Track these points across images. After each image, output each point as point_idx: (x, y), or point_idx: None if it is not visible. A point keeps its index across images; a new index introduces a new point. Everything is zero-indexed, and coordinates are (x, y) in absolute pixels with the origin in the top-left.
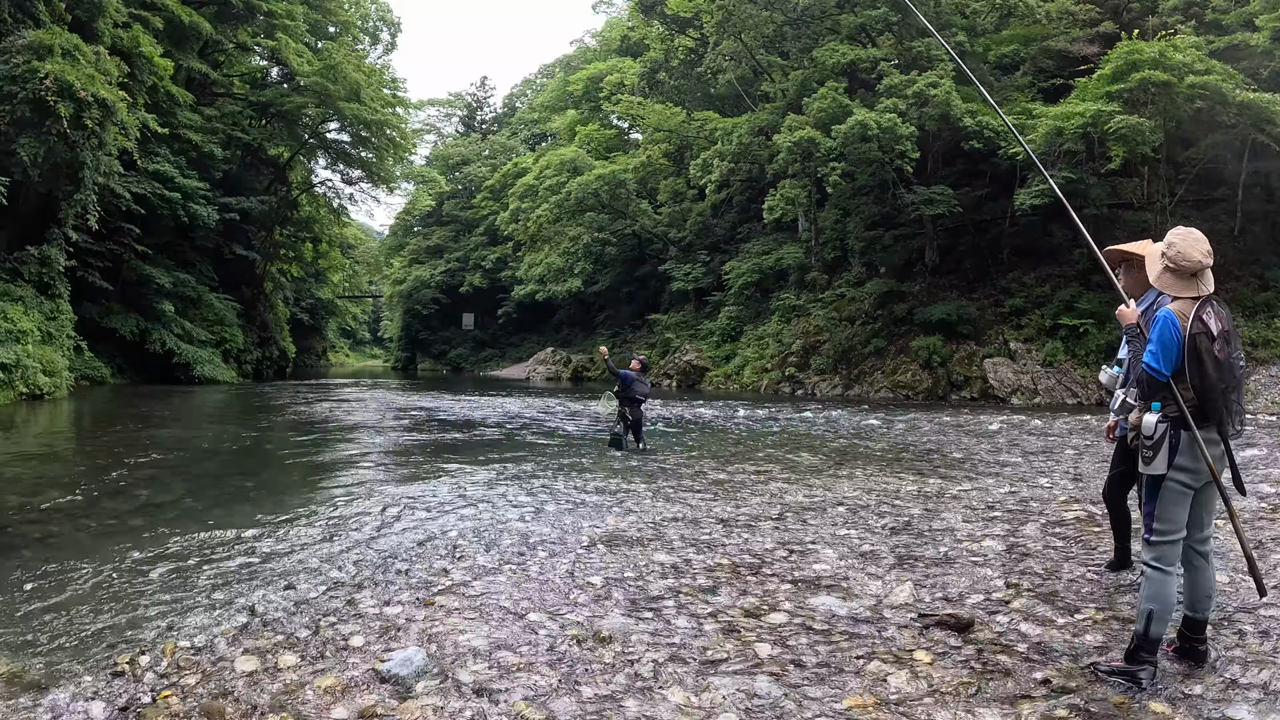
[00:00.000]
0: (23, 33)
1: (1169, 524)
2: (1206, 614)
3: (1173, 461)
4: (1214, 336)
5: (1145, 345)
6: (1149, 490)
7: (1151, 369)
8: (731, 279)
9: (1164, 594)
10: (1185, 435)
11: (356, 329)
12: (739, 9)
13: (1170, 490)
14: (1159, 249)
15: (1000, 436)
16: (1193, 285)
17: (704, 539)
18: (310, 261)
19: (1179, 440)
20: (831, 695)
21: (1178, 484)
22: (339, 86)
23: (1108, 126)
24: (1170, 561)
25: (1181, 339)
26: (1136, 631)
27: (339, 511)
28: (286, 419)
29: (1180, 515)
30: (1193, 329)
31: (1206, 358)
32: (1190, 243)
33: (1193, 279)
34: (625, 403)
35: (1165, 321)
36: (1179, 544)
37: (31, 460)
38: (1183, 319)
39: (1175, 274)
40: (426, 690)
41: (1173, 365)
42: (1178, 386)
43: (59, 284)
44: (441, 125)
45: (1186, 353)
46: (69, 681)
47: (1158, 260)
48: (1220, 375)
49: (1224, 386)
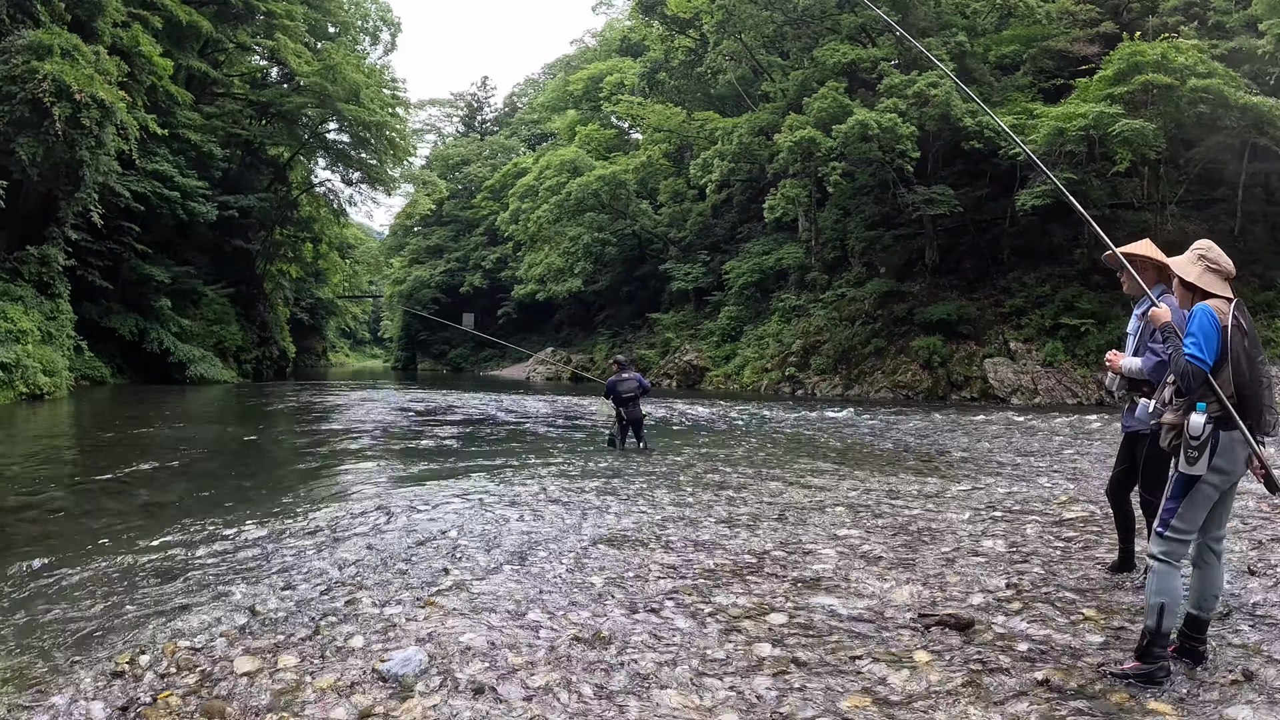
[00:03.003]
0: (22, 33)
1: (1188, 523)
2: (1210, 613)
3: (1211, 463)
4: (1245, 333)
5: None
6: (1178, 487)
7: (1196, 359)
8: (731, 279)
9: (1172, 587)
10: (1225, 436)
11: (356, 329)
12: (739, 9)
13: (1203, 491)
14: (1192, 254)
15: (1000, 436)
16: (1226, 287)
17: (704, 539)
18: (310, 261)
19: (1218, 441)
20: (831, 695)
21: (1211, 485)
22: (338, 87)
23: (1111, 129)
24: (1179, 557)
25: (1222, 329)
26: (1148, 627)
27: (339, 511)
28: (286, 419)
29: (1201, 515)
30: (1231, 323)
31: (1242, 355)
32: (1220, 251)
33: (1225, 282)
34: (618, 404)
35: (1204, 314)
36: (1189, 542)
37: (31, 460)
38: (1220, 314)
39: (1215, 274)
40: (426, 690)
41: (1214, 356)
42: (1218, 381)
43: (59, 283)
44: (442, 125)
45: (1227, 348)
46: (69, 681)
47: (1194, 263)
48: (1254, 373)
49: (1259, 384)
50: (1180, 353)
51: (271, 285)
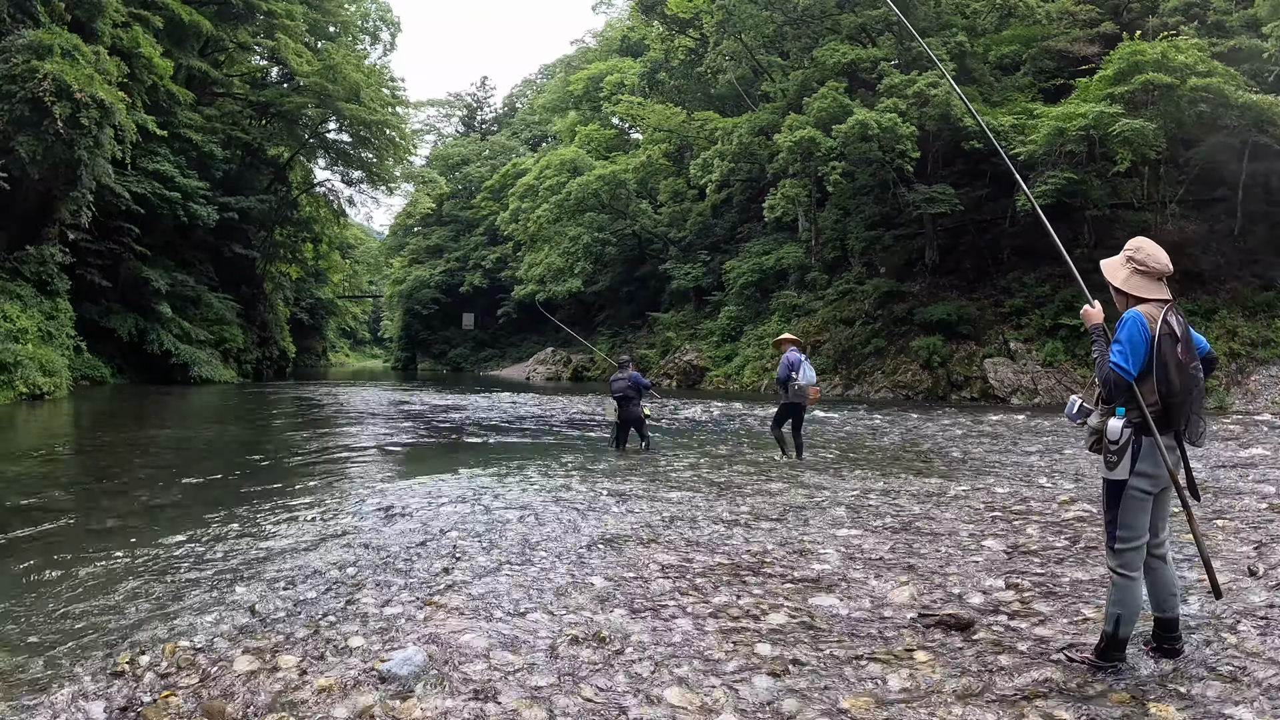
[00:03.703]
0: (22, 32)
1: (1131, 530)
2: (1175, 611)
3: (1134, 468)
4: (1177, 339)
5: (1109, 346)
6: (1110, 497)
7: (1119, 368)
8: (731, 278)
9: (1130, 599)
10: (1147, 441)
11: (356, 329)
12: (739, 9)
13: (1133, 496)
14: (1121, 256)
15: (1000, 437)
16: (1160, 288)
17: (704, 539)
18: (310, 262)
19: (1140, 446)
20: (831, 695)
21: (1139, 490)
22: (338, 87)
23: (1111, 129)
24: (1135, 567)
25: (1150, 339)
26: (1105, 632)
27: (339, 511)
28: (286, 419)
29: (1142, 521)
30: (1161, 330)
31: (1171, 361)
32: (1155, 248)
33: (1159, 282)
34: (619, 404)
35: (1134, 321)
36: (1142, 549)
37: (31, 460)
38: (1151, 321)
39: (1144, 275)
40: (426, 690)
41: (1139, 366)
42: (1141, 389)
43: (58, 283)
44: (441, 125)
45: (1155, 355)
46: (69, 681)
47: (1123, 265)
48: (1183, 381)
49: (1187, 392)
50: (1105, 359)
51: (272, 285)
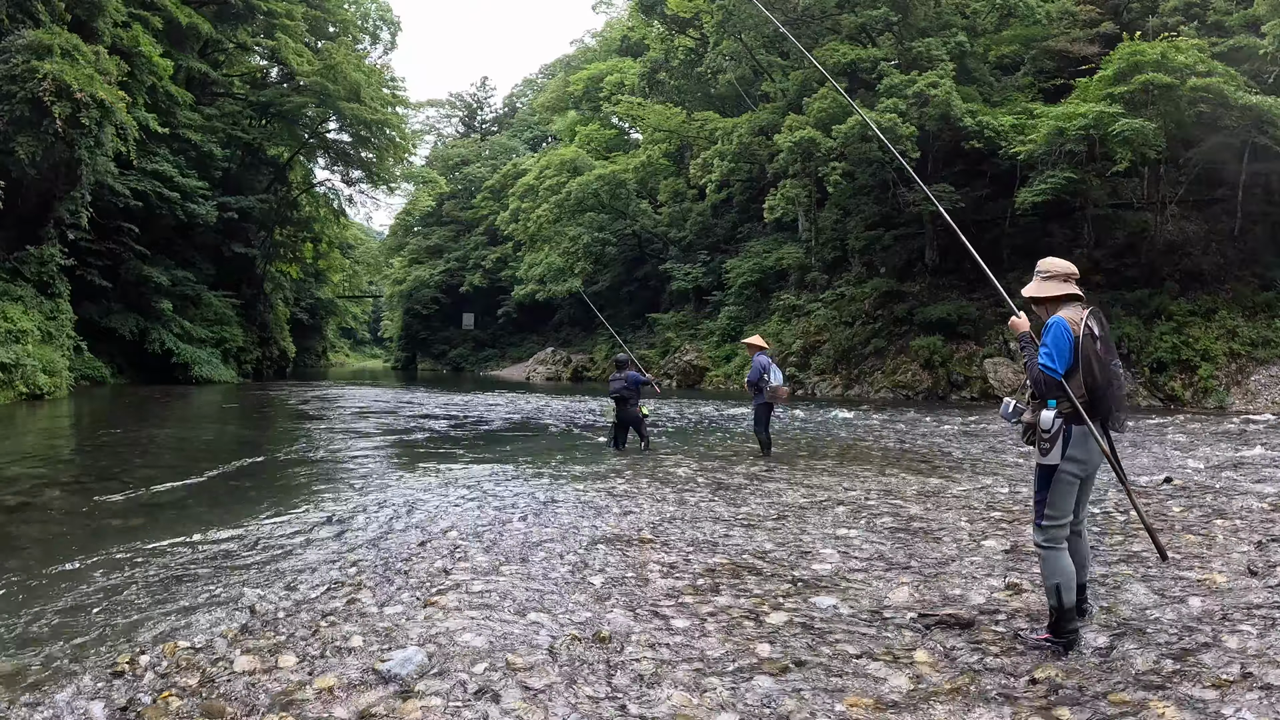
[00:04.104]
0: (22, 32)
1: (1058, 510)
2: (1084, 579)
3: (1065, 453)
4: (1097, 338)
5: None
6: (1041, 479)
7: (1047, 369)
8: (732, 278)
9: (1061, 567)
10: (1076, 430)
11: (356, 329)
12: (739, 9)
13: (1063, 480)
14: (1034, 277)
15: (1001, 436)
16: (1065, 285)
17: (704, 539)
18: (310, 261)
19: (1071, 434)
20: (831, 695)
21: (1068, 474)
22: (339, 86)
23: (1111, 129)
24: (1059, 541)
25: (1074, 340)
26: (1052, 605)
27: (339, 511)
28: (286, 419)
29: (1068, 502)
30: (1084, 332)
31: (1094, 359)
32: (1055, 258)
33: (1065, 282)
34: (616, 404)
35: (1058, 326)
36: (1066, 527)
37: (31, 460)
38: (1074, 325)
39: (1048, 279)
40: (426, 690)
41: (1066, 365)
42: (1070, 385)
43: (58, 283)
44: (441, 126)
45: (1080, 354)
46: (69, 681)
47: (1033, 282)
48: (1105, 375)
49: (1109, 384)
50: (1034, 362)
51: (271, 285)
